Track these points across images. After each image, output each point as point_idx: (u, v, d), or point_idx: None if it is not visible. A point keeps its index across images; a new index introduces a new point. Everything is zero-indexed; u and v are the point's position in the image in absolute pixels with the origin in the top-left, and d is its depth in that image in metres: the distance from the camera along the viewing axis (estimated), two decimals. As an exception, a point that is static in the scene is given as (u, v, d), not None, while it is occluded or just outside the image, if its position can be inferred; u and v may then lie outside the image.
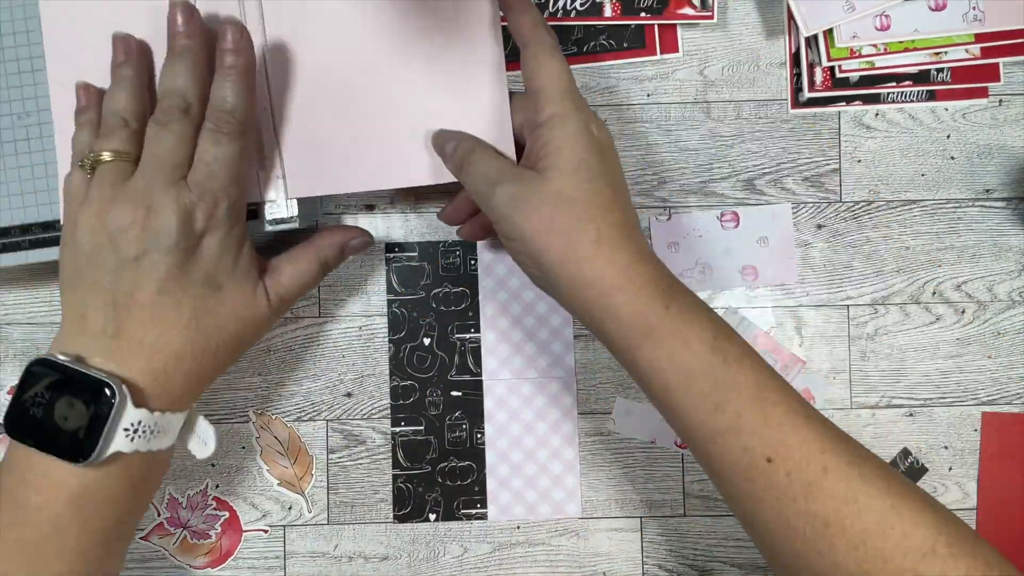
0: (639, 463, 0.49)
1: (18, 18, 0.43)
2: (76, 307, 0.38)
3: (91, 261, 0.37)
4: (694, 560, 0.50)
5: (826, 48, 0.47)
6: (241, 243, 0.40)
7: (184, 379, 0.38)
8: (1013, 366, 0.49)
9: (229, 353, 0.40)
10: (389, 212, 0.49)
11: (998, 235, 0.49)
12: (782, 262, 0.49)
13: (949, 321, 0.49)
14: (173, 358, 0.38)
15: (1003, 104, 0.49)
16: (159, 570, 0.50)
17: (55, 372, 0.36)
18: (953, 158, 0.49)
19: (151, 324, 0.37)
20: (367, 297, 0.50)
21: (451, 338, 0.49)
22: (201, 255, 0.38)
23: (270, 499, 0.50)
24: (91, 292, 0.37)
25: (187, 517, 0.50)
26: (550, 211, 0.37)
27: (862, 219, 0.49)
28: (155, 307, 0.37)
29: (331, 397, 0.50)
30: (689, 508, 0.50)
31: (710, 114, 0.49)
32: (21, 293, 0.50)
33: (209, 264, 0.38)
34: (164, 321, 0.37)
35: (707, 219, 0.49)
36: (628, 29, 0.49)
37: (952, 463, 0.49)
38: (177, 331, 0.38)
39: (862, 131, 0.49)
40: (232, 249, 0.39)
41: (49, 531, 0.36)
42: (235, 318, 0.40)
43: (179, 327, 0.38)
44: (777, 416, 0.35)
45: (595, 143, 0.38)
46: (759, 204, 0.49)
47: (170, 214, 0.37)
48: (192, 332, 0.38)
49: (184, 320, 0.38)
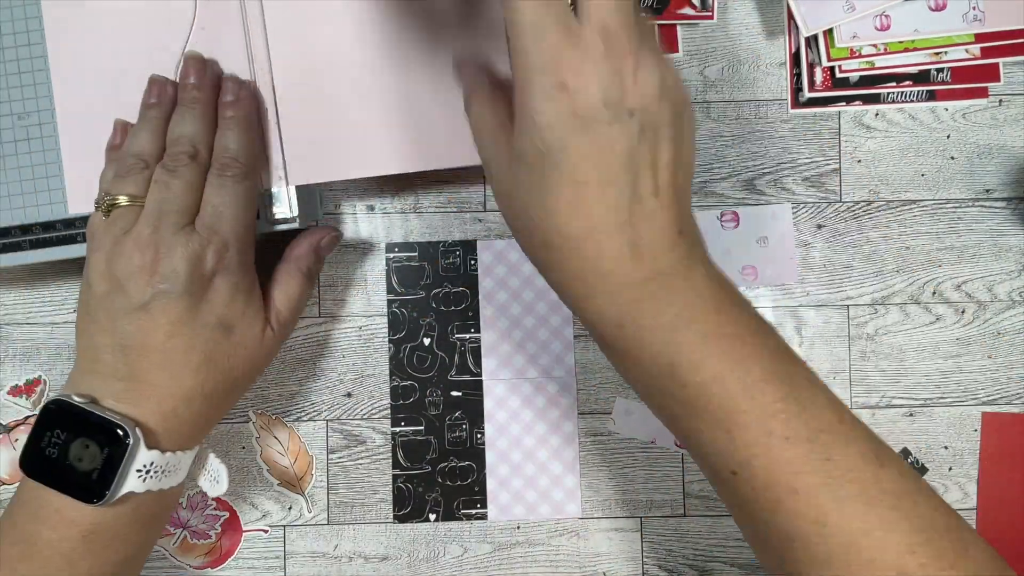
0: (639, 463, 0.49)
1: (18, 18, 0.43)
2: (89, 348, 0.38)
3: (102, 304, 0.38)
4: (694, 560, 0.50)
5: (826, 48, 0.47)
6: (251, 285, 0.41)
7: (195, 419, 0.39)
8: (1013, 366, 0.49)
9: (239, 390, 0.42)
10: (389, 212, 0.49)
11: (998, 235, 0.49)
12: (782, 262, 0.49)
13: (949, 321, 0.49)
14: (184, 400, 0.38)
15: (1003, 104, 0.49)
16: (159, 570, 0.50)
17: (70, 414, 0.37)
18: (953, 158, 0.49)
19: (162, 368, 0.38)
20: (367, 297, 0.50)
21: (451, 338, 0.49)
22: (211, 298, 0.39)
23: (270, 499, 0.50)
24: (103, 334, 0.38)
25: (187, 517, 0.50)
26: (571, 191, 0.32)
27: (862, 219, 0.49)
28: (166, 352, 0.38)
29: (331, 397, 0.50)
30: (689, 508, 0.50)
31: (710, 114, 0.49)
32: (21, 293, 0.50)
33: (220, 307, 0.39)
34: (175, 365, 0.38)
35: (707, 219, 0.49)
36: (628, 29, 0.49)
37: (952, 463, 0.49)
38: (188, 374, 0.38)
39: (862, 131, 0.49)
40: (242, 291, 0.40)
41: (61, 565, 0.37)
42: (246, 358, 0.40)
43: (190, 370, 0.38)
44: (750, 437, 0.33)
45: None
46: (759, 204, 0.49)
47: (179, 259, 0.37)
48: (203, 375, 0.39)
49: (195, 364, 0.38)
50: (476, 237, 0.49)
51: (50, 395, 0.49)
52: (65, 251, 0.44)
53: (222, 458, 0.42)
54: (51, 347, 0.49)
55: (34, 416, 0.49)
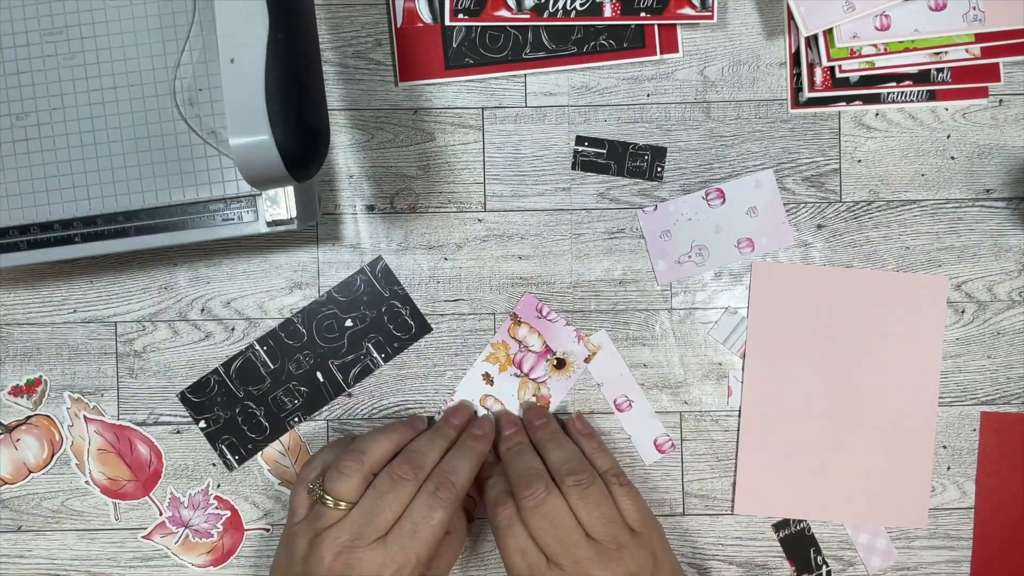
0: (639, 462, 0.50)
1: (17, 19, 0.43)
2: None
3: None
4: (693, 559, 0.50)
5: (826, 48, 0.47)
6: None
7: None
8: (1012, 366, 0.49)
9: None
10: (389, 212, 0.49)
11: (998, 235, 0.49)
12: (775, 228, 0.49)
13: (949, 321, 0.49)
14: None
15: (1003, 104, 0.49)
16: (161, 568, 0.50)
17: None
18: (953, 158, 0.49)
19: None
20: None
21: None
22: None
23: (271, 498, 0.50)
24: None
25: (189, 516, 0.50)
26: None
27: (862, 219, 0.49)
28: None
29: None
30: (688, 507, 0.50)
31: (710, 114, 0.49)
32: (21, 293, 0.50)
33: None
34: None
35: (694, 201, 0.49)
36: (628, 29, 0.48)
37: (951, 463, 0.49)
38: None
39: (862, 131, 0.49)
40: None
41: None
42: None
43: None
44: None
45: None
46: (740, 175, 0.49)
47: (364, 572, 0.40)
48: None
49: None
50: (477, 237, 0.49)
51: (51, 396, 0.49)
52: (62, 252, 0.44)
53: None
54: (51, 347, 0.49)
55: (34, 416, 0.49)
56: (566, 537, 0.41)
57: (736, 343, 0.49)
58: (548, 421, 0.47)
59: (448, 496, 0.42)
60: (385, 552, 0.40)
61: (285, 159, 0.35)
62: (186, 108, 0.43)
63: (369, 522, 0.41)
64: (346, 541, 0.40)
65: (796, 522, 0.49)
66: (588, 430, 0.48)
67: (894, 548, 0.49)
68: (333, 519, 0.41)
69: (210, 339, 0.49)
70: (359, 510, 0.41)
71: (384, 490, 0.42)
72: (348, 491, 0.42)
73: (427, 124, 0.49)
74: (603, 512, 0.42)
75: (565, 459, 0.44)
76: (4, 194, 0.44)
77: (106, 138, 0.43)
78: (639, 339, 0.49)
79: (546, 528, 0.41)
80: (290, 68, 0.36)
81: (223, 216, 0.43)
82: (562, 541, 0.41)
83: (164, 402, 0.49)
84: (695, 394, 0.49)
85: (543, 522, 0.42)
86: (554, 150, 0.49)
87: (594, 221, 0.49)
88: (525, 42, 0.48)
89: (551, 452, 0.45)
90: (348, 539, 0.40)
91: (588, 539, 0.41)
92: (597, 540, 0.41)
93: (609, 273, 0.49)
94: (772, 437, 0.49)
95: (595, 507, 0.42)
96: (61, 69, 0.43)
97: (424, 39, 0.49)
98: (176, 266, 0.49)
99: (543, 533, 0.41)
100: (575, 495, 0.42)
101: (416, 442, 0.44)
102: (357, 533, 0.41)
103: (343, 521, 0.41)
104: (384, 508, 0.41)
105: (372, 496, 0.42)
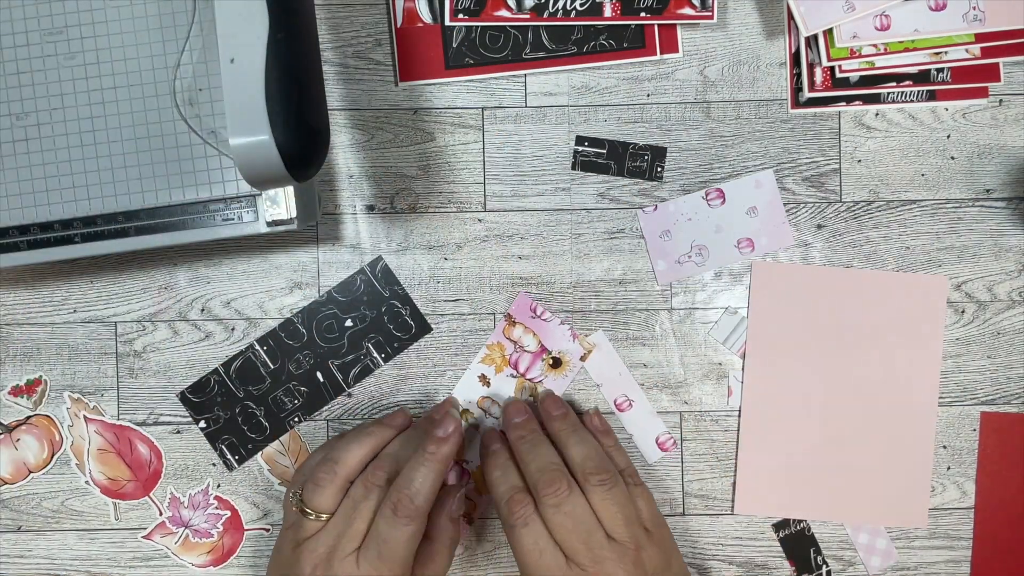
0: (638, 462, 0.50)
1: (17, 19, 0.43)
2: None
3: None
4: (693, 559, 0.50)
5: (826, 48, 0.47)
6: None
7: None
8: (1012, 366, 0.49)
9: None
10: (389, 212, 0.49)
11: (998, 235, 0.49)
12: (775, 228, 0.49)
13: (949, 321, 0.49)
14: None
15: (1003, 104, 0.49)
16: (161, 568, 0.50)
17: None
18: (953, 158, 0.49)
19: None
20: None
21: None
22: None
23: (271, 498, 0.50)
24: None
25: (189, 516, 0.50)
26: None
27: (862, 219, 0.49)
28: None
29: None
30: (688, 507, 0.50)
31: (710, 114, 0.49)
32: (21, 293, 0.50)
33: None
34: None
35: (694, 201, 0.49)
36: (628, 29, 0.48)
37: (951, 463, 0.49)
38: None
39: (862, 131, 0.49)
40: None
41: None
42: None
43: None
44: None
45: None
46: (740, 176, 0.49)
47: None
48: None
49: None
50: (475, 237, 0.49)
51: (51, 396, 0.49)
52: (62, 252, 0.44)
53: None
54: (51, 347, 0.49)
55: (34, 416, 0.49)
56: (589, 537, 0.41)
57: (736, 343, 0.49)
58: (567, 412, 0.46)
59: (408, 513, 0.40)
60: (358, 571, 0.40)
61: (285, 159, 0.35)
62: (186, 108, 0.43)
63: (344, 532, 0.41)
64: (323, 554, 0.41)
65: (796, 522, 0.49)
66: (606, 427, 0.47)
67: (894, 548, 0.49)
68: (312, 530, 0.41)
69: (210, 339, 0.49)
70: (335, 520, 0.41)
71: (359, 499, 0.41)
72: (323, 503, 0.42)
73: (427, 124, 0.49)
74: (626, 513, 0.42)
75: (588, 455, 0.43)
76: (4, 194, 0.44)
77: (106, 138, 0.43)
78: (639, 339, 0.49)
79: (568, 527, 0.41)
80: (290, 68, 0.36)
81: (223, 216, 0.43)
82: (585, 541, 0.40)
83: (164, 402, 0.49)
84: (695, 394, 0.49)
85: (566, 521, 0.41)
86: (554, 150, 0.49)
87: (594, 221, 0.49)
88: (525, 42, 0.48)
89: (573, 447, 0.44)
90: (324, 552, 0.41)
91: (609, 539, 0.41)
92: (618, 540, 0.41)
93: (609, 273, 0.49)
94: (772, 437, 0.49)
95: (619, 508, 0.42)
96: (61, 69, 0.43)
97: (424, 39, 0.49)
98: (176, 266, 0.49)
99: (565, 532, 0.41)
100: (599, 494, 0.42)
101: (392, 445, 0.44)
102: (332, 545, 0.41)
103: (320, 533, 0.41)
104: (357, 518, 0.41)
105: (348, 505, 0.41)
